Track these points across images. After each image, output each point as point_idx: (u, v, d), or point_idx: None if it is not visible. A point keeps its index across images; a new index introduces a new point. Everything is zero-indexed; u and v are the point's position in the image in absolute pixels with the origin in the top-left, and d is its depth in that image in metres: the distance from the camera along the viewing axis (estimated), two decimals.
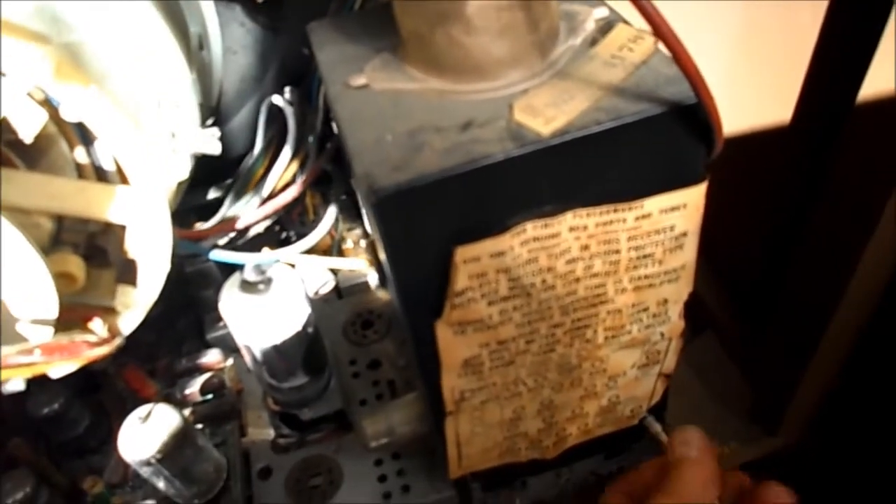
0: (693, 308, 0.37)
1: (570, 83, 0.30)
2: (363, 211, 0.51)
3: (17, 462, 0.46)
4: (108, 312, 0.31)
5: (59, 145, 0.30)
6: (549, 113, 0.28)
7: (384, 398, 0.51)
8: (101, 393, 0.51)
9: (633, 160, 0.29)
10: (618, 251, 0.32)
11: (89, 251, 0.30)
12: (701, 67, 0.26)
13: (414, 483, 0.46)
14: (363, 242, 0.59)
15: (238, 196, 0.49)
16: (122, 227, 0.29)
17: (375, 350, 0.54)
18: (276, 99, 0.45)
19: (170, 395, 0.51)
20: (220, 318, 0.55)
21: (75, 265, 0.28)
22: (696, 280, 0.35)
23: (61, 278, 0.27)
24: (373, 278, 0.57)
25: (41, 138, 0.29)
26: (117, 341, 0.25)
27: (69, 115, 0.26)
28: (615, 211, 0.30)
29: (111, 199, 0.27)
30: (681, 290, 0.35)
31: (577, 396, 0.38)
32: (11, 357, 0.22)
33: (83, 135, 0.29)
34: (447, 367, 0.33)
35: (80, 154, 0.29)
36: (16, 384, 0.32)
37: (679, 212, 0.31)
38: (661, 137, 0.29)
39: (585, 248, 0.31)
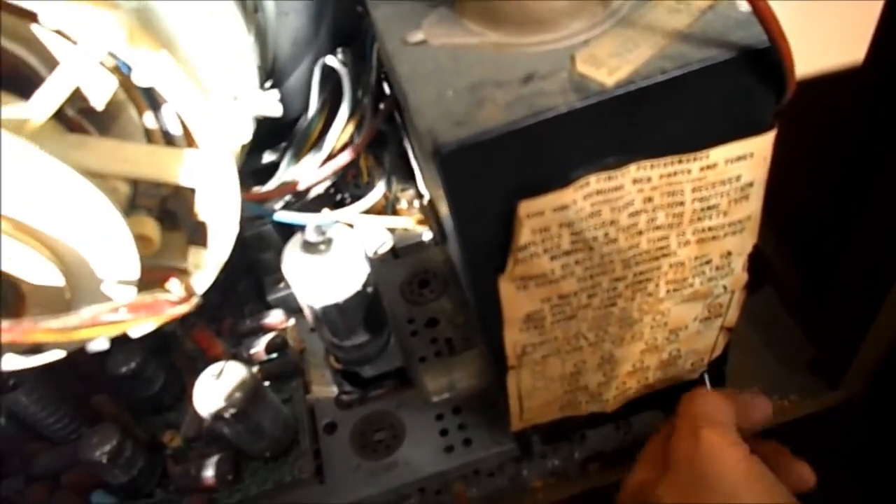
0: (753, 261, 0.36)
1: (634, 31, 0.29)
2: (416, 171, 0.51)
3: (102, 417, 0.48)
4: (181, 273, 0.32)
5: (128, 111, 0.31)
6: (612, 63, 0.28)
7: (443, 355, 0.52)
8: (173, 353, 0.54)
9: (700, 109, 0.28)
10: (682, 203, 0.31)
11: (161, 214, 0.31)
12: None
13: (475, 436, 0.47)
14: (416, 203, 0.60)
15: (295, 157, 0.50)
16: (192, 191, 0.30)
17: (433, 308, 0.55)
18: (330, 60, 0.46)
19: (236, 354, 0.53)
20: (279, 280, 0.57)
21: (151, 228, 0.29)
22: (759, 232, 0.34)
23: (139, 241, 0.28)
24: (427, 238, 0.58)
25: (111, 104, 0.29)
26: (195, 300, 0.26)
27: (141, 80, 0.26)
28: (680, 162, 0.30)
29: (181, 162, 0.28)
30: (745, 242, 0.34)
31: (638, 350, 0.38)
32: (102, 315, 0.23)
33: (151, 100, 0.30)
34: (509, 321, 0.34)
35: (148, 119, 0.30)
36: (100, 343, 0.33)
37: (745, 161, 0.30)
38: (730, 84, 0.28)
39: (649, 200, 0.31)
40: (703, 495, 0.33)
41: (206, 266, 0.31)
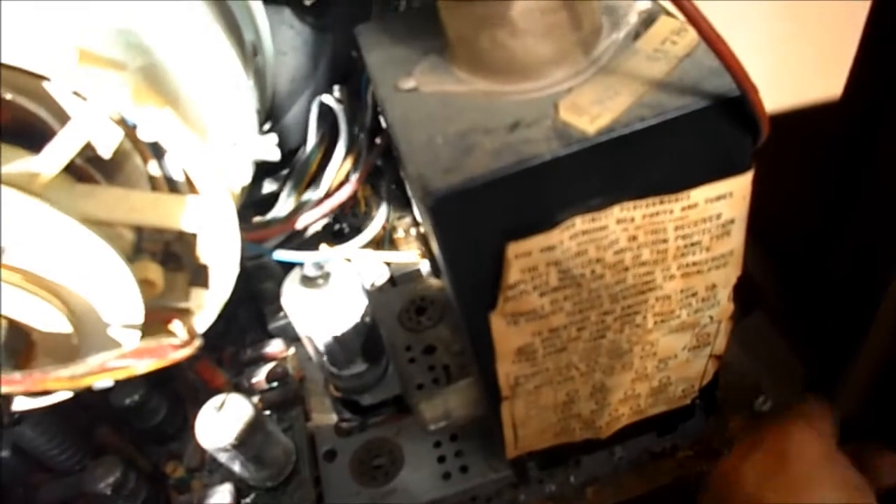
0: (742, 287, 0.37)
1: (614, 79, 0.30)
2: (413, 201, 0.52)
3: (105, 449, 0.49)
4: (183, 313, 0.33)
5: (133, 159, 0.32)
6: (593, 111, 0.29)
7: (440, 382, 0.53)
8: (176, 383, 0.55)
9: (679, 153, 0.30)
10: (665, 240, 0.32)
11: (165, 257, 0.32)
12: (744, 35, 0.27)
13: (472, 463, 0.48)
14: (413, 231, 0.61)
15: (295, 189, 0.51)
16: (194, 235, 0.31)
17: (430, 336, 0.56)
18: (327, 98, 0.47)
19: (238, 383, 0.54)
20: (280, 310, 0.58)
21: (154, 272, 0.30)
22: (744, 261, 0.36)
23: (143, 285, 0.29)
24: (424, 266, 0.59)
25: (117, 153, 0.31)
26: (197, 342, 0.27)
27: (146, 135, 0.28)
28: (661, 202, 0.31)
29: (184, 209, 0.29)
30: (729, 275, 0.36)
31: (629, 379, 0.40)
32: (109, 361, 0.24)
33: (155, 149, 0.32)
34: (502, 355, 0.35)
35: (152, 166, 0.32)
36: (105, 382, 0.35)
37: (725, 200, 0.32)
38: (706, 130, 0.29)
39: (633, 238, 0.32)
40: (782, 475, 0.35)
41: (208, 306, 0.32)
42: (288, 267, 0.53)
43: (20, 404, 0.29)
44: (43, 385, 0.23)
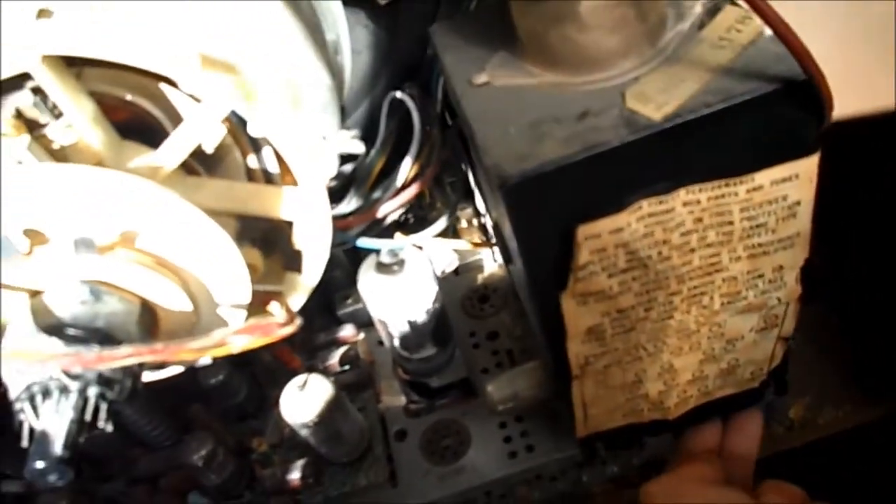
0: (808, 274, 0.38)
1: (680, 68, 0.32)
2: (476, 193, 0.54)
3: (193, 425, 0.53)
4: (277, 296, 0.36)
5: (233, 153, 0.35)
6: (660, 99, 0.31)
7: (504, 366, 0.55)
8: (254, 367, 0.58)
9: (745, 137, 0.31)
10: (731, 222, 0.34)
11: (262, 244, 0.35)
12: (810, 37, 0.27)
13: (538, 443, 0.50)
14: (475, 222, 0.63)
15: (360, 186, 0.54)
16: (289, 222, 0.34)
17: (493, 322, 0.58)
18: (400, 94, 0.50)
19: (312, 366, 0.57)
20: (348, 297, 0.61)
21: (256, 257, 0.33)
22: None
23: (247, 269, 0.32)
24: (486, 256, 0.61)
25: (219, 148, 0.34)
26: (298, 321, 0.30)
27: (255, 132, 0.31)
28: (727, 185, 0.32)
29: (283, 199, 0.32)
30: (796, 257, 0.37)
31: (697, 360, 0.41)
32: (228, 336, 0.27)
33: (253, 144, 0.35)
34: (572, 335, 0.37)
35: (251, 160, 0.35)
36: (206, 359, 0.38)
37: (791, 182, 0.33)
38: (771, 114, 0.30)
39: (699, 220, 0.33)
40: None
41: (300, 289, 0.35)
42: (352, 257, 0.56)
43: (146, 377, 0.32)
44: (179, 354, 0.26)
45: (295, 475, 0.49)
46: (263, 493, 0.51)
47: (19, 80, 0.29)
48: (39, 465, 0.28)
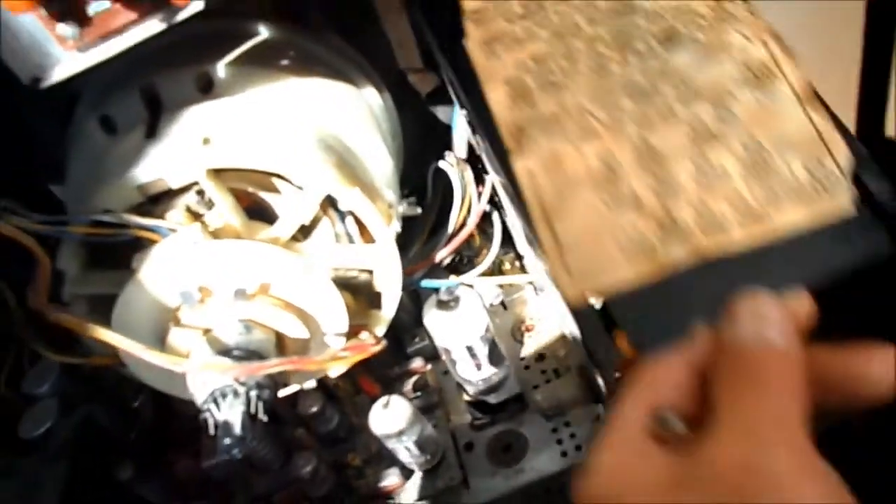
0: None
1: None
2: (514, 239, 0.65)
3: (294, 447, 0.64)
4: (365, 328, 0.47)
5: (322, 222, 0.47)
6: None
7: (551, 382, 0.64)
8: (340, 400, 0.69)
9: None
10: None
11: (352, 288, 0.46)
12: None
13: (584, 443, 0.60)
14: (517, 263, 0.74)
15: (418, 239, 0.66)
16: (370, 271, 0.46)
17: (539, 346, 0.68)
18: (442, 164, 0.62)
19: (390, 393, 0.67)
20: (415, 336, 0.72)
21: (349, 298, 0.45)
22: None
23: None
24: (528, 291, 0.72)
25: (313, 219, 0.46)
26: (384, 342, 0.41)
27: (345, 206, 0.42)
28: None
29: (367, 254, 0.44)
30: None
31: (688, 139, 0.26)
32: (338, 352, 0.38)
33: (338, 212, 0.47)
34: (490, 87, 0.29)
35: (338, 226, 0.47)
36: (310, 383, 0.49)
37: None
38: None
39: None
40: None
41: (381, 321, 0.46)
42: (415, 300, 0.67)
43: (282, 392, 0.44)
44: (307, 365, 0.37)
45: (386, 482, 0.59)
46: (360, 500, 0.61)
47: (188, 186, 0.42)
48: (227, 441, 0.39)
